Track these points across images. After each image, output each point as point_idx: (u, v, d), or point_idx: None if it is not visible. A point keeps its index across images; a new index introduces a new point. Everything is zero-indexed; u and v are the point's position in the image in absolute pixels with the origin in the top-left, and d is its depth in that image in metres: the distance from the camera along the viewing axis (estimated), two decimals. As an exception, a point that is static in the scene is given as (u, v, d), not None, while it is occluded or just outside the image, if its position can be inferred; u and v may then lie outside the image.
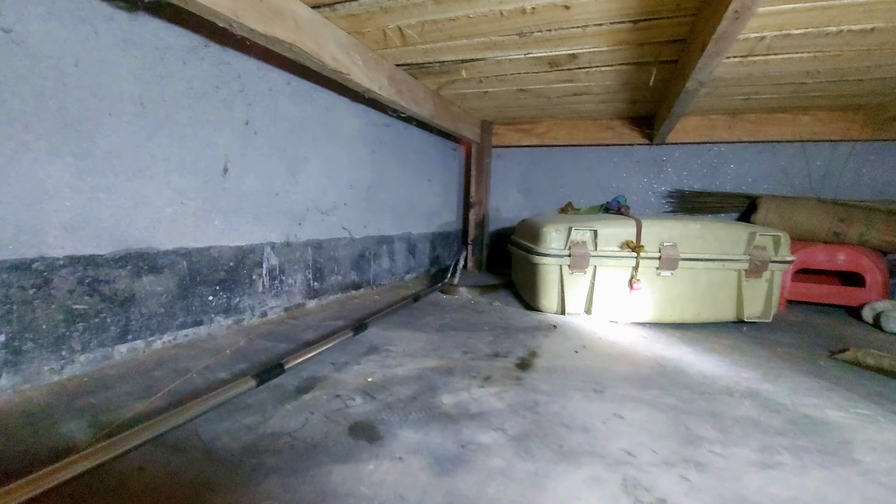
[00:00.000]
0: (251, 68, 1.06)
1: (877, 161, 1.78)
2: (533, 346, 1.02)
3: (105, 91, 0.79)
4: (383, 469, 0.52)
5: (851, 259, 1.53)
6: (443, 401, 0.72)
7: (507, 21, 1.01)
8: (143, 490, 0.48)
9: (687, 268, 1.22)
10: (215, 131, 0.98)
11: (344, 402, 0.69)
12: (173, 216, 0.90)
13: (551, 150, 2.30)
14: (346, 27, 1.06)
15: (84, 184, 0.76)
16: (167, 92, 0.89)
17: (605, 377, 0.85)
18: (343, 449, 0.56)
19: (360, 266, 1.54)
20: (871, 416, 0.71)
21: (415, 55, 1.25)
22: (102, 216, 0.79)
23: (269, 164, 1.13)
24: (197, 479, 0.49)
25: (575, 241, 1.25)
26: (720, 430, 0.65)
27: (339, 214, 1.42)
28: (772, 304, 1.25)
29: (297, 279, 1.25)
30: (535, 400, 0.73)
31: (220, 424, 0.61)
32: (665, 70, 1.27)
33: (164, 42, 0.88)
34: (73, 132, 0.75)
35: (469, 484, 0.50)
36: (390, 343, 1.01)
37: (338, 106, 1.38)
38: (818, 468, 0.56)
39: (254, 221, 1.10)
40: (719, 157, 2.00)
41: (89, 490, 0.47)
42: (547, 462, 0.55)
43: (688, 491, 0.50)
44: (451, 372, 0.84)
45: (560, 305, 1.28)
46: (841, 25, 0.96)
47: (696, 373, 0.89)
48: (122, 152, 0.81)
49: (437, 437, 0.60)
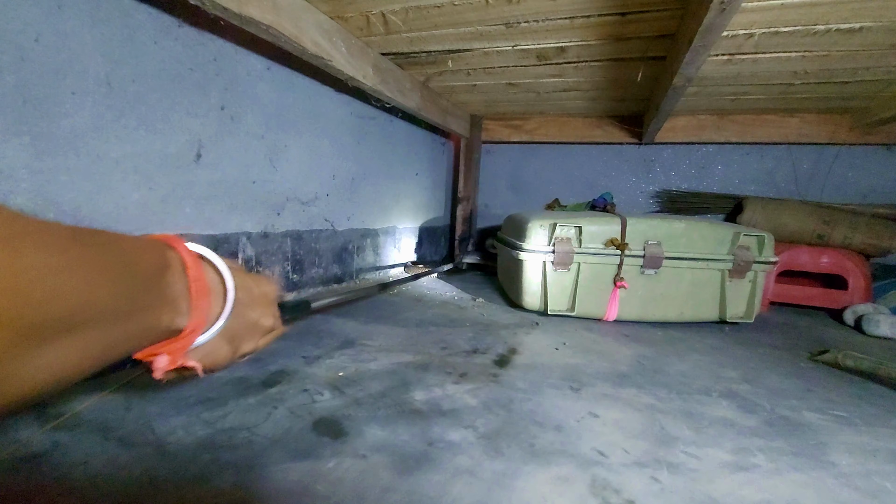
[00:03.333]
0: (228, 52, 1.03)
1: (862, 165, 1.79)
2: (513, 343, 1.00)
3: (68, 69, 0.75)
4: (344, 467, 0.50)
5: (835, 262, 1.53)
6: (415, 397, 0.69)
7: (493, 10, 0.99)
8: (88, 484, 0.45)
9: (671, 267, 1.21)
10: (188, 115, 0.95)
11: (311, 397, 0.67)
12: (140, 202, 0.87)
13: (541, 148, 2.28)
14: (328, 11, 1.03)
15: (43, 165, 0.73)
16: (137, 72, 0.85)
17: (583, 375, 0.83)
18: (304, 445, 0.54)
19: (342, 259, 1.51)
20: (848, 419, 0.70)
21: (400, 44, 1.22)
22: (62, 199, 0.75)
23: (246, 151, 1.10)
24: (145, 475, 0.47)
25: (559, 237, 1.23)
26: (695, 430, 0.64)
27: (321, 206, 1.39)
28: (754, 304, 1.25)
29: (275, 271, 1.22)
30: (511, 397, 0.71)
31: (177, 418, 0.58)
32: (653, 67, 1.26)
33: (134, 20, 0.84)
34: (31, 110, 0.71)
35: (433, 483, 0.48)
36: (367, 337, 0.98)
37: (321, 94, 1.34)
38: (792, 470, 0.55)
39: (229, 210, 1.06)
40: (707, 157, 2.00)
41: (27, 481, 0.44)
42: (516, 461, 0.53)
43: (658, 493, 0.48)
44: (426, 368, 0.82)
45: (543, 302, 1.26)
46: (829, 24, 0.95)
47: (676, 372, 0.87)
48: (85, 133, 0.78)
49: (404, 435, 0.58)
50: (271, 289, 0.44)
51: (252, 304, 0.40)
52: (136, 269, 0.27)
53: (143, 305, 0.27)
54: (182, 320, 0.31)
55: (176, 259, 0.31)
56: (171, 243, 0.32)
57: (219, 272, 0.36)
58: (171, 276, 0.30)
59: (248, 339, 0.40)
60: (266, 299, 0.43)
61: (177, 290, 0.30)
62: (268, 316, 0.42)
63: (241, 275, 0.39)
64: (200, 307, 0.32)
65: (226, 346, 0.37)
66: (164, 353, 0.32)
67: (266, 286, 0.43)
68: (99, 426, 0.55)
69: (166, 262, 0.30)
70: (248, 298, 0.39)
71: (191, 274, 0.31)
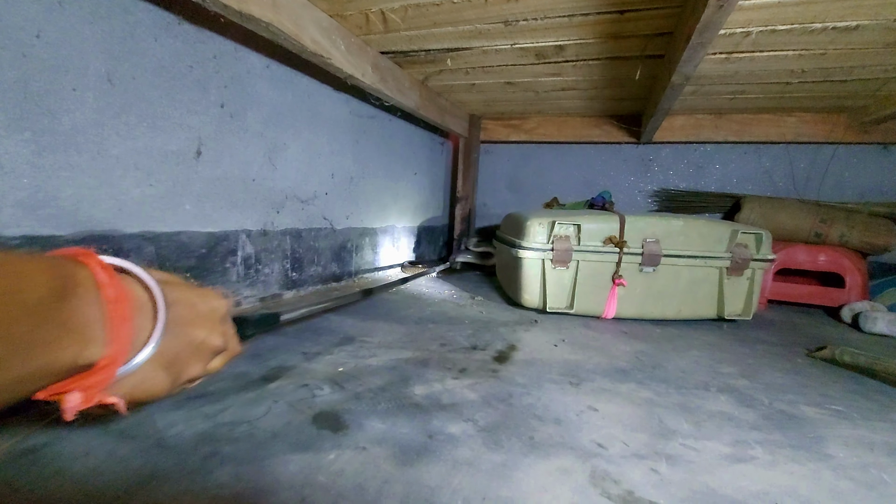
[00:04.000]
0: (228, 49, 1.03)
1: (859, 163, 1.80)
2: (512, 340, 1.00)
3: (69, 65, 0.75)
4: (344, 459, 0.50)
5: (832, 260, 1.54)
6: (414, 391, 0.70)
7: (492, 8, 0.99)
8: (88, 475, 0.45)
9: (669, 264, 1.22)
10: (188, 113, 0.95)
11: (311, 392, 0.67)
12: (140, 198, 0.87)
13: (540, 147, 2.29)
14: (327, 9, 1.03)
15: (44, 161, 0.73)
16: (137, 69, 0.85)
17: (582, 370, 0.83)
18: (305, 438, 0.54)
19: (341, 257, 1.51)
20: (845, 413, 0.71)
21: (399, 42, 1.22)
22: (63, 195, 0.75)
23: (245, 148, 1.10)
24: (146, 467, 0.47)
25: (558, 235, 1.23)
26: (694, 423, 0.64)
27: (320, 204, 1.39)
28: (752, 302, 1.25)
29: (275, 269, 1.22)
30: (510, 392, 0.72)
31: (177, 412, 0.58)
32: (652, 65, 1.26)
33: (134, 17, 0.84)
34: (33, 106, 0.71)
35: (433, 474, 0.48)
36: (366, 334, 0.98)
37: (320, 93, 1.34)
38: (790, 462, 0.55)
39: (228, 207, 1.06)
40: (705, 157, 2.01)
41: (27, 473, 0.44)
42: (516, 453, 0.53)
43: (657, 483, 0.49)
44: (426, 364, 0.82)
45: (542, 300, 1.27)
46: (826, 22, 0.96)
47: (674, 368, 0.88)
48: (86, 130, 0.78)
49: (404, 428, 0.58)
50: (220, 304, 0.39)
51: (196, 322, 0.35)
52: (18, 298, 0.22)
53: (32, 342, 0.23)
54: (95, 351, 0.26)
55: (86, 278, 0.27)
56: (80, 259, 0.27)
57: (148, 288, 0.31)
58: (76, 301, 0.25)
59: (193, 363, 0.35)
60: (214, 315, 0.38)
61: (86, 317, 0.26)
62: (216, 335, 0.37)
63: (182, 289, 0.35)
64: (121, 333, 0.27)
65: (161, 374, 0.32)
66: (76, 391, 0.26)
67: (214, 301, 0.38)
68: (98, 419, 0.55)
69: (71, 283, 0.25)
70: (191, 315, 0.34)
71: (106, 294, 0.27)
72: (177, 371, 0.34)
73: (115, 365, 0.27)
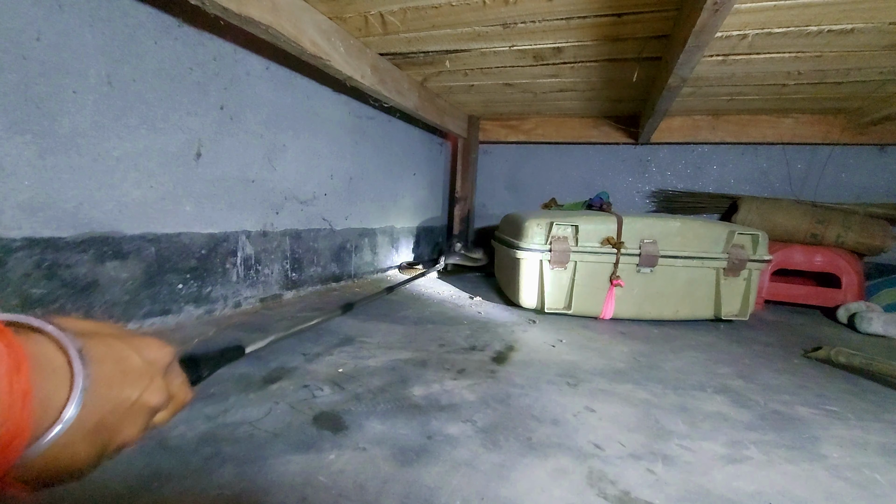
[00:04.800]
0: (228, 51, 1.03)
1: (855, 165, 1.81)
2: (511, 341, 1.01)
3: (70, 67, 0.75)
4: (345, 459, 0.51)
5: (828, 260, 1.55)
6: (413, 392, 0.70)
7: (490, 10, 1.00)
8: (91, 476, 0.45)
9: (666, 265, 1.23)
10: (188, 114, 0.95)
11: (311, 393, 0.68)
12: (141, 200, 0.88)
13: (539, 148, 2.29)
14: (326, 11, 1.04)
15: (45, 163, 0.73)
16: (137, 72, 0.86)
17: (580, 371, 0.84)
18: (305, 438, 0.55)
19: (340, 258, 1.52)
20: (840, 413, 0.72)
21: (398, 44, 1.23)
22: (64, 197, 0.76)
23: (245, 150, 1.10)
24: (148, 467, 0.47)
25: (556, 236, 1.24)
26: (690, 424, 0.65)
27: (320, 205, 1.40)
28: (749, 302, 1.26)
29: (274, 269, 1.23)
30: (508, 392, 0.72)
31: (179, 414, 0.58)
32: (649, 67, 1.27)
33: (134, 19, 0.84)
34: (34, 109, 0.71)
35: (432, 474, 0.49)
36: (366, 335, 0.99)
37: (319, 94, 1.35)
38: (785, 463, 0.56)
39: (228, 208, 1.07)
40: (703, 157, 2.02)
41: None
42: (514, 454, 0.54)
43: (653, 483, 0.49)
44: (425, 364, 0.83)
45: (540, 301, 1.27)
46: (821, 25, 0.97)
47: (671, 368, 0.88)
48: (87, 132, 0.78)
49: (403, 429, 0.59)
50: (161, 353, 0.33)
51: (127, 380, 0.30)
52: None
53: None
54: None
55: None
56: None
57: (62, 347, 0.26)
58: None
59: (126, 427, 0.30)
60: (151, 369, 0.32)
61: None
62: (153, 391, 0.31)
63: (110, 342, 0.29)
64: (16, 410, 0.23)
65: (83, 445, 0.27)
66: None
67: (153, 351, 0.32)
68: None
69: None
70: (120, 373, 0.29)
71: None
72: (104, 439, 0.29)
73: (9, 449, 0.23)
